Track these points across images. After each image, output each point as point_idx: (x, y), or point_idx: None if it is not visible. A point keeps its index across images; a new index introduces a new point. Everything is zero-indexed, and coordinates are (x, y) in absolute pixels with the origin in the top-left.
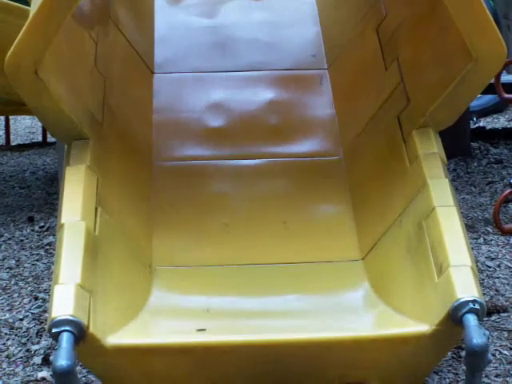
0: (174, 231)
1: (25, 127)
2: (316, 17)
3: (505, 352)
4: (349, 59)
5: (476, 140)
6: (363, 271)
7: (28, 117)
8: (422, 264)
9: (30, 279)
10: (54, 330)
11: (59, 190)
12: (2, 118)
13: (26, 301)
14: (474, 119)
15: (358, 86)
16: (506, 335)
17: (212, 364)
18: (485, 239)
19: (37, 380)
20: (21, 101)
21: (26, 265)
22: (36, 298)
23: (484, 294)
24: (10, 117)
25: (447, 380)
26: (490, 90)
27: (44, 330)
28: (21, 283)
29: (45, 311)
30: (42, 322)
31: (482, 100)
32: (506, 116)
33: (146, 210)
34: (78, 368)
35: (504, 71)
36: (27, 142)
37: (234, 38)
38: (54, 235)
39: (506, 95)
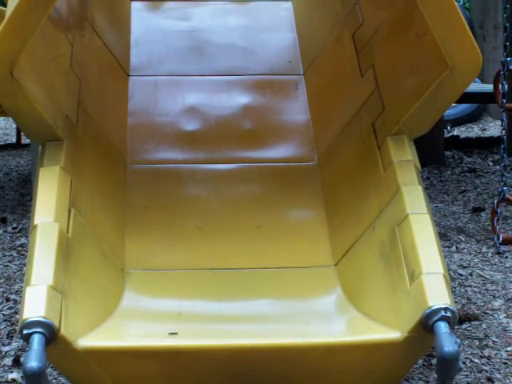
0: (147, 234)
1: None
2: (293, 23)
3: (476, 360)
4: (325, 65)
5: (450, 149)
6: (336, 277)
7: (2, 118)
8: (394, 271)
9: (2, 280)
10: (25, 332)
11: (32, 191)
12: None
13: None
14: (448, 128)
15: (333, 92)
16: (477, 343)
17: (183, 367)
18: (457, 247)
19: (7, 381)
20: None
21: None
22: (7, 300)
23: (456, 302)
24: None
25: None
26: (464, 99)
27: (15, 332)
28: None
29: (16, 313)
30: (13, 324)
31: (457, 109)
32: (480, 125)
33: (120, 212)
34: (49, 370)
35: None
36: (1, 144)
37: (210, 43)
38: (26, 237)
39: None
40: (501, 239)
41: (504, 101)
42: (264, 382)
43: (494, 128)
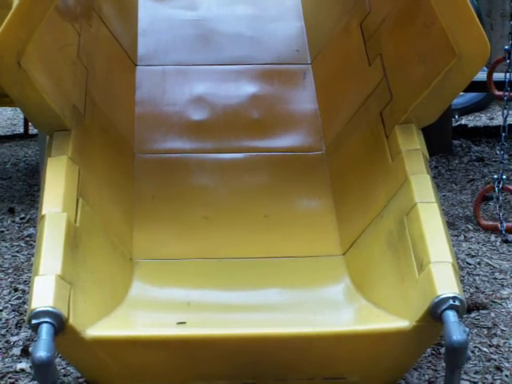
0: (155, 224)
1: (6, 119)
2: (300, 12)
3: (484, 349)
4: (332, 54)
5: (458, 138)
6: (344, 266)
7: (10, 108)
8: (402, 260)
9: (10, 270)
10: (33, 322)
11: (40, 181)
12: None
13: (5, 292)
14: (456, 117)
15: (341, 81)
16: (486, 332)
17: (192, 357)
18: (465, 236)
19: (16, 371)
20: (3, 92)
21: (6, 256)
22: (16, 290)
23: (464, 291)
24: None
25: (426, 376)
26: (472, 87)
27: (23, 322)
28: (0, 274)
29: (24, 303)
30: (21, 314)
31: (465, 98)
32: (488, 114)
33: (127, 202)
34: (57, 360)
35: (485, 68)
36: (9, 134)
37: (217, 32)
38: (34, 227)
39: (497, 92)
40: (505, 226)
41: (509, 89)
42: (272, 372)
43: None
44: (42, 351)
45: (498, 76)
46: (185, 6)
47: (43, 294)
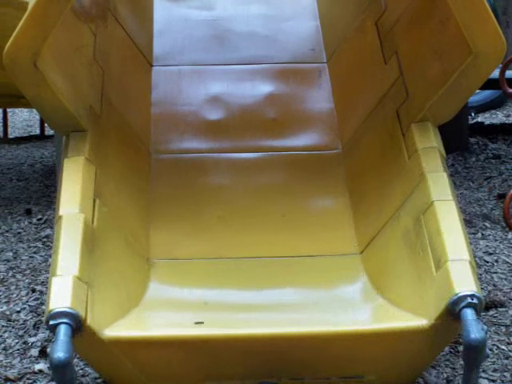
0: (172, 224)
1: (22, 120)
2: (315, 10)
3: (502, 347)
4: (348, 53)
5: (474, 135)
6: (361, 265)
7: (26, 110)
8: (420, 258)
9: (28, 271)
10: (51, 322)
11: (57, 182)
12: (0, 110)
13: (23, 293)
14: (473, 114)
15: (356, 79)
16: (504, 330)
17: (209, 356)
18: (483, 234)
19: (34, 372)
20: (19, 93)
21: (23, 257)
22: (33, 291)
23: (482, 288)
24: (8, 109)
25: (445, 375)
26: (488, 85)
27: (41, 323)
28: (18, 275)
29: (42, 303)
30: (39, 315)
31: (481, 95)
32: (505, 111)
33: (144, 202)
34: (75, 360)
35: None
36: (25, 135)
37: (232, 31)
38: (51, 228)
39: (510, 90)
40: None
41: None
42: (290, 371)
43: None
44: (59, 352)
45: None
46: (200, 6)
47: (61, 295)
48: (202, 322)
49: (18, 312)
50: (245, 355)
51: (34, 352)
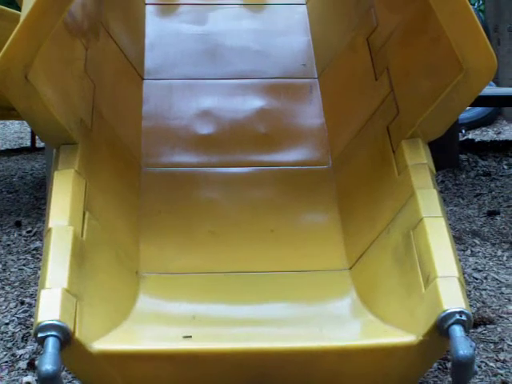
0: (162, 238)
1: (13, 132)
2: (307, 26)
3: (491, 364)
4: (339, 69)
5: (465, 152)
6: (350, 280)
7: (17, 122)
8: (409, 274)
9: (17, 284)
10: (39, 335)
11: (47, 194)
12: None
13: (12, 305)
14: (463, 131)
15: (347, 95)
16: (492, 347)
17: (197, 371)
18: (472, 251)
19: None
20: (9, 105)
21: (12, 269)
22: (22, 303)
23: (471, 305)
24: None
25: None
26: (479, 102)
27: (30, 335)
28: (7, 288)
29: (31, 316)
30: (27, 327)
31: (471, 112)
32: (495, 129)
33: (134, 215)
34: (64, 373)
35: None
36: (16, 147)
37: (224, 46)
38: (41, 240)
39: None
40: None
41: None
42: None
43: (508, 131)
44: (48, 364)
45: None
46: (192, 21)
47: (49, 308)
48: (190, 336)
49: (7, 324)
50: (233, 370)
51: (23, 364)
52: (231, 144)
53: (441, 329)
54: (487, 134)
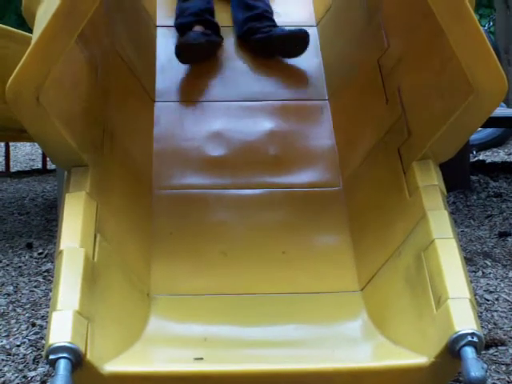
0: (173, 259)
1: (25, 154)
2: (317, 47)
3: None
4: (350, 90)
5: (476, 173)
6: (362, 302)
7: (28, 144)
8: (420, 296)
9: (28, 305)
10: (51, 357)
11: (58, 216)
12: (2, 144)
13: (23, 327)
14: (474, 152)
15: (358, 117)
16: (504, 369)
17: None
18: (483, 272)
19: None
20: (21, 127)
21: (23, 291)
22: (33, 325)
23: (482, 327)
24: (10, 143)
25: None
26: (490, 123)
27: (41, 357)
28: (18, 309)
29: (42, 338)
30: (39, 349)
31: (482, 133)
32: (506, 150)
33: (145, 237)
34: None
35: (503, 104)
36: (27, 169)
37: (234, 68)
38: (52, 262)
39: None
40: None
41: None
42: None
43: None
44: None
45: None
46: None
47: (61, 330)
48: (201, 358)
49: (18, 346)
50: None
51: None
52: (242, 166)
53: (452, 350)
54: (498, 155)
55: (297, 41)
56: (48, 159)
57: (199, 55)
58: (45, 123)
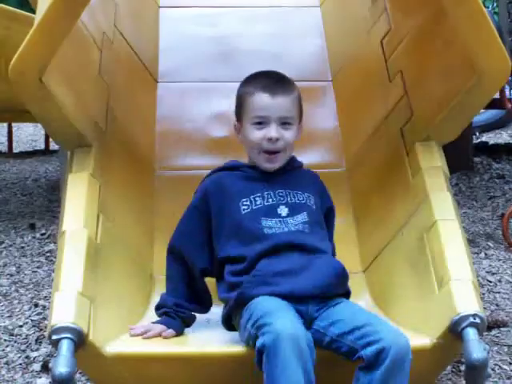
0: None
1: (27, 135)
2: (321, 29)
3: (504, 367)
4: (353, 71)
5: (478, 155)
6: (364, 283)
7: (31, 124)
8: (423, 277)
9: (31, 286)
10: (53, 337)
11: (61, 197)
12: (5, 125)
13: (25, 308)
14: (477, 134)
15: (361, 98)
16: (506, 350)
17: (212, 373)
18: (486, 254)
19: None
20: (24, 108)
21: (26, 272)
22: (36, 305)
23: (484, 308)
24: (13, 124)
25: None
26: (493, 104)
27: (43, 337)
28: (21, 290)
29: (44, 318)
30: (41, 329)
31: (485, 115)
32: (509, 131)
33: (148, 218)
34: (77, 375)
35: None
36: (29, 150)
37: (237, 49)
38: (54, 243)
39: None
40: None
41: None
42: None
43: None
44: (62, 367)
45: None
46: (205, 23)
47: (63, 310)
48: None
49: (21, 326)
50: (247, 372)
51: (36, 367)
52: None
53: (454, 331)
54: (501, 137)
55: None
56: (51, 140)
57: None
58: (48, 104)
